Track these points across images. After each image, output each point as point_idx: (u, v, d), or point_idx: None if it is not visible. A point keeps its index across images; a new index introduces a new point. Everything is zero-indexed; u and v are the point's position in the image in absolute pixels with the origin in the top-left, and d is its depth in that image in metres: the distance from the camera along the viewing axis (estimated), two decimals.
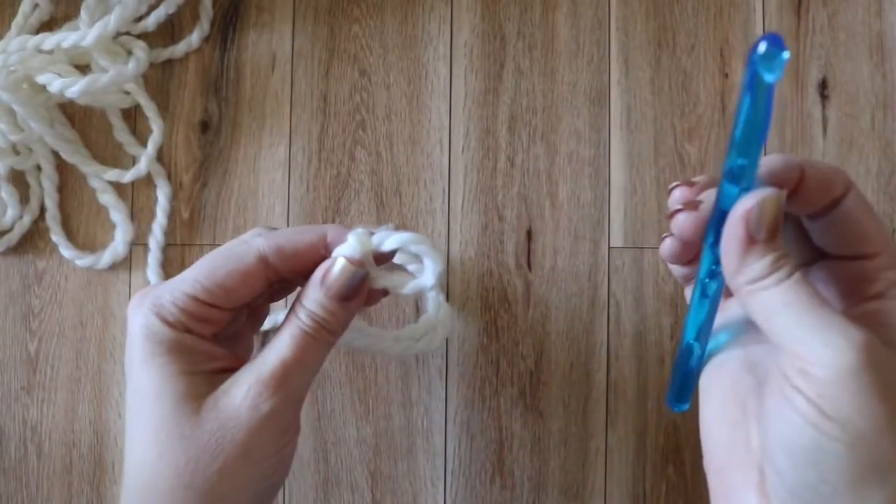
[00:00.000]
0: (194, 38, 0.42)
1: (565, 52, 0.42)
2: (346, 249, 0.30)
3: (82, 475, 0.42)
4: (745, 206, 0.25)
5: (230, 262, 0.29)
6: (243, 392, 0.28)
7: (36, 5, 0.42)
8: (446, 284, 0.42)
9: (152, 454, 0.27)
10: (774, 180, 0.26)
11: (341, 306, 0.29)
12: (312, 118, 0.43)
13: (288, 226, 0.42)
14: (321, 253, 0.30)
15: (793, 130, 0.42)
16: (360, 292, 0.30)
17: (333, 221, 0.42)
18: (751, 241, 0.25)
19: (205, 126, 0.43)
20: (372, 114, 0.43)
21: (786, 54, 0.23)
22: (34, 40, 0.39)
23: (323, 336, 0.29)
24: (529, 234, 0.42)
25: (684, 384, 0.29)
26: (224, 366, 0.29)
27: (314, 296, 0.29)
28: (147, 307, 0.28)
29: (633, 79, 0.42)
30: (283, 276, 0.30)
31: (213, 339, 0.29)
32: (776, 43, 0.23)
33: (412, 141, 0.42)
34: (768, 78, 0.23)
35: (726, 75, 0.42)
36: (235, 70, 0.43)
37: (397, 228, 0.42)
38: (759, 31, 0.42)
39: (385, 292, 0.33)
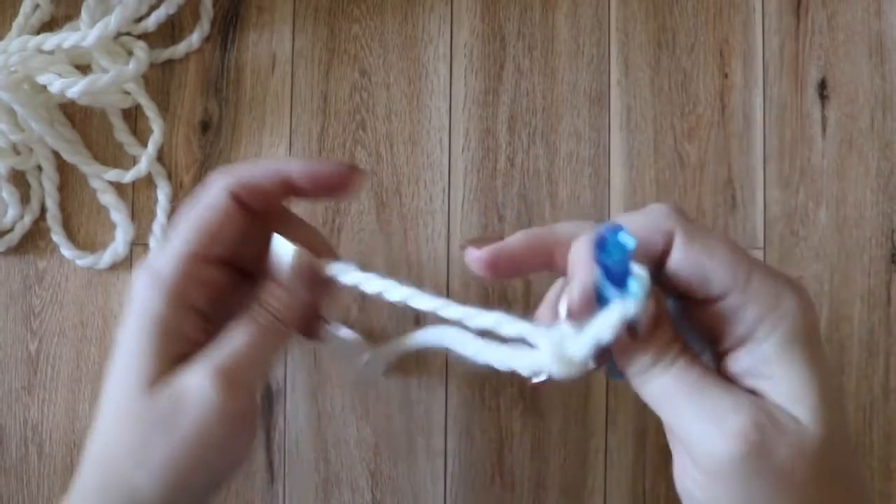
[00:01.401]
0: (194, 39, 0.42)
1: (565, 52, 0.43)
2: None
3: None
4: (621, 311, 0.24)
5: (205, 208, 0.29)
6: (195, 381, 0.28)
7: (37, 6, 0.42)
8: (446, 285, 0.42)
9: (110, 424, 0.28)
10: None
11: (288, 291, 0.30)
12: (312, 118, 0.43)
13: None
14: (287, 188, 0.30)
15: (792, 131, 0.42)
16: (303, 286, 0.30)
17: (333, 222, 0.42)
18: (630, 339, 0.25)
19: (205, 126, 0.43)
20: (372, 114, 0.43)
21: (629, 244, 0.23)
22: (35, 41, 0.39)
23: (275, 326, 0.30)
24: None
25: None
26: (196, 350, 0.29)
27: (269, 287, 0.30)
28: (150, 282, 0.29)
29: (633, 79, 0.42)
30: (257, 212, 0.30)
31: (211, 307, 0.30)
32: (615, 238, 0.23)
33: (412, 141, 0.42)
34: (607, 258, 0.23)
35: (726, 75, 0.42)
36: (236, 70, 0.43)
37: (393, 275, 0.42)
38: (758, 31, 0.42)
39: None
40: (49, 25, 0.42)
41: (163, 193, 0.42)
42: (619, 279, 0.23)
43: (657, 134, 0.42)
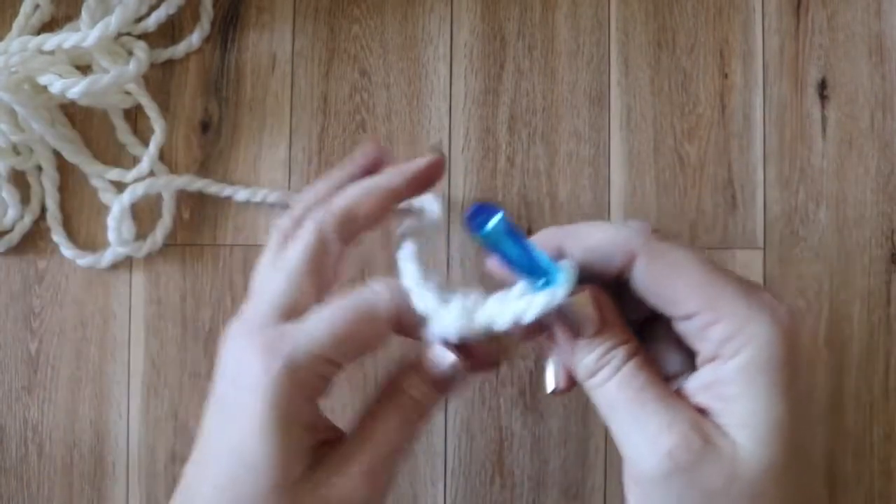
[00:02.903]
0: (195, 39, 0.43)
1: (565, 52, 0.43)
2: (443, 326, 0.27)
3: (83, 475, 0.42)
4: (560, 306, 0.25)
5: (364, 323, 0.27)
6: (349, 486, 0.26)
7: (37, 6, 0.42)
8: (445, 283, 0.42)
9: None
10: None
11: (442, 393, 0.29)
12: (312, 118, 0.43)
13: None
14: None
15: (792, 131, 0.42)
16: (459, 380, 0.29)
17: None
18: (574, 336, 0.26)
19: (205, 126, 0.43)
20: (372, 114, 0.43)
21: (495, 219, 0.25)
22: (35, 41, 0.39)
23: (422, 424, 0.29)
24: (529, 234, 0.42)
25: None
26: (326, 438, 0.28)
27: (416, 382, 0.28)
28: (280, 368, 0.26)
29: (633, 79, 0.42)
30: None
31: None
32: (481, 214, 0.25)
33: (412, 141, 0.42)
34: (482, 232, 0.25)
35: (726, 76, 0.42)
36: (236, 70, 0.43)
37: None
38: (758, 31, 0.42)
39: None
40: (49, 26, 0.43)
41: (165, 193, 0.42)
42: (534, 270, 0.25)
43: (657, 134, 0.42)
